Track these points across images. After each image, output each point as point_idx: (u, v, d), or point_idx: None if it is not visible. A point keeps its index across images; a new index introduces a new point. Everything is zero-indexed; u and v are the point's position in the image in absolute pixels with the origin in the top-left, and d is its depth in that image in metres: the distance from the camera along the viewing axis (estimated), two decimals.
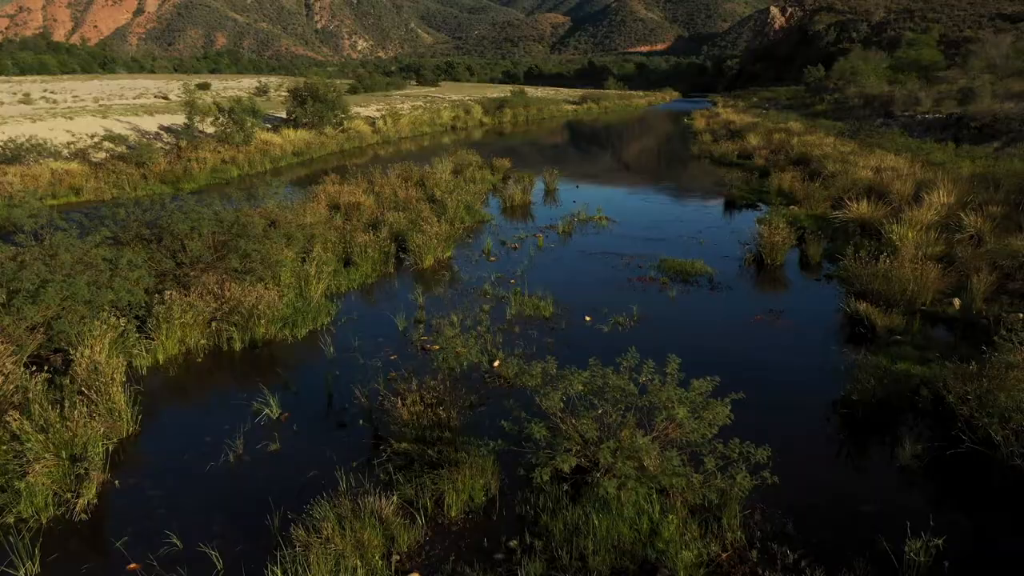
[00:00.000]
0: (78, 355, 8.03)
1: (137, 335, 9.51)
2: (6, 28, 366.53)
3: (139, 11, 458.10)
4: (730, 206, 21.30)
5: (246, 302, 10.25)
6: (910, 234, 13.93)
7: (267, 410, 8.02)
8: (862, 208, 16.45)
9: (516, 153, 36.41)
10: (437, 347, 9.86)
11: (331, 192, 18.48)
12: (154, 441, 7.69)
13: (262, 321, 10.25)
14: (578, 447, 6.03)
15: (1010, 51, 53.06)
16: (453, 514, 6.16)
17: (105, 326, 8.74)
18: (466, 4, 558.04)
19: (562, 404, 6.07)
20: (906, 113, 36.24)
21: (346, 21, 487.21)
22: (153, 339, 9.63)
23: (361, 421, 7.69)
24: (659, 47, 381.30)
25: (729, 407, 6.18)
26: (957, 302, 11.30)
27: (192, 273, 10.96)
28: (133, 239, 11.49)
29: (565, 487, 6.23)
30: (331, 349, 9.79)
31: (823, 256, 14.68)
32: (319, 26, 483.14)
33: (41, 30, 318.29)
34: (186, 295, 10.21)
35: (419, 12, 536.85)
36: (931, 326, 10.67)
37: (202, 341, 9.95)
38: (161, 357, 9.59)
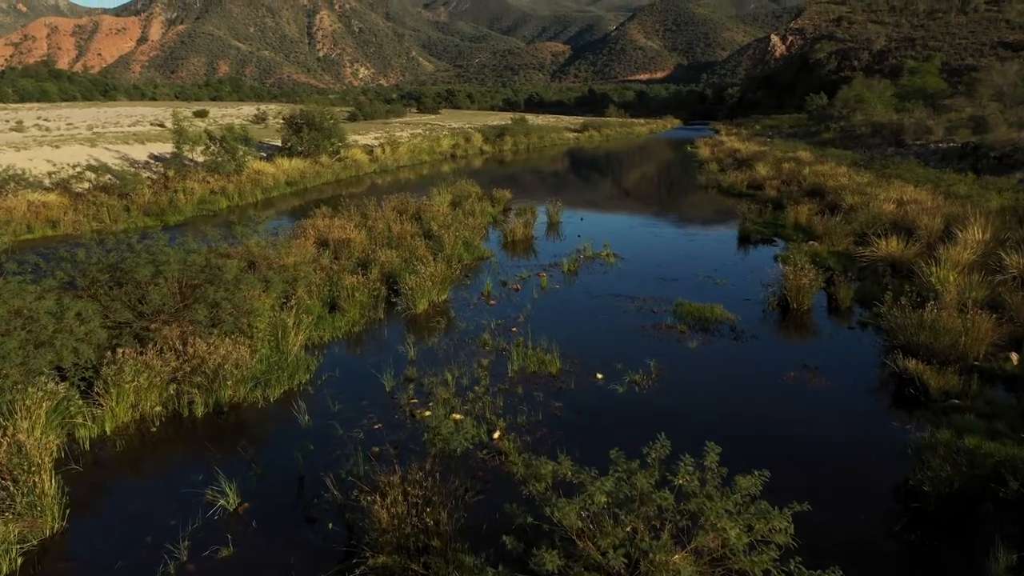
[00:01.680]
0: None
1: (82, 401, 8.25)
2: (10, 56, 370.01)
3: (143, 40, 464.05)
4: (745, 241, 20.08)
5: (212, 360, 8.97)
6: (951, 276, 12.70)
7: (223, 500, 6.72)
8: (891, 246, 15.25)
9: (517, 182, 35.35)
10: (428, 413, 8.57)
11: (320, 226, 17.27)
12: (82, 543, 6.36)
13: (229, 382, 8.96)
14: None
15: (1017, 79, 52.43)
16: None
17: (41, 393, 7.50)
18: (467, 33, 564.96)
19: (580, 523, 4.77)
20: (918, 142, 35.24)
21: (348, 49, 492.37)
22: (101, 405, 8.36)
23: (331, 524, 6.36)
24: (659, 75, 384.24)
25: (790, 519, 4.89)
26: (1015, 357, 10.01)
27: (153, 326, 9.67)
28: (91, 284, 10.24)
29: None
30: (306, 416, 8.48)
31: (853, 299, 13.43)
32: (321, 54, 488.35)
33: (45, 58, 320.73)
34: (143, 352, 8.93)
35: (420, 40, 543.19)
36: (990, 386, 9.39)
37: (157, 407, 8.65)
38: (109, 427, 8.29)
